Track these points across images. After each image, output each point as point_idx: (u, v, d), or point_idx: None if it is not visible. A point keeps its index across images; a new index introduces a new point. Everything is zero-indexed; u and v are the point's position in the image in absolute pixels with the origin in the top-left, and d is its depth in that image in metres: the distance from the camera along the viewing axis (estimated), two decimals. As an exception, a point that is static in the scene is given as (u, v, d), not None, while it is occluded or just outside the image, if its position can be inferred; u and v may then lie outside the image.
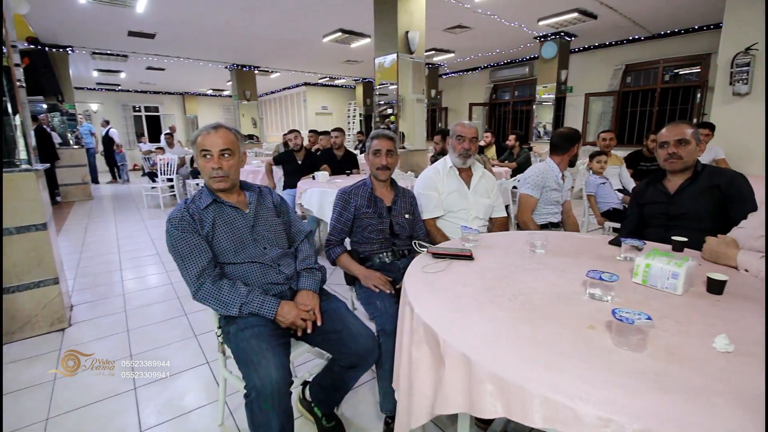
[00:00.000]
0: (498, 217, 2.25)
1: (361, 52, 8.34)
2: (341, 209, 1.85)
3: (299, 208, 3.50)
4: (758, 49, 4.00)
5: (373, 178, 1.92)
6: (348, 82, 12.99)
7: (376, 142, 1.86)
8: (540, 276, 1.28)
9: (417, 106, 5.33)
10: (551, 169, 2.42)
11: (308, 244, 1.63)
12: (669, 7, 5.71)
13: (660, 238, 1.96)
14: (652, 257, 1.20)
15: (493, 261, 1.43)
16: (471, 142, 2.10)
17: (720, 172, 1.84)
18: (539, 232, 1.80)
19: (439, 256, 1.44)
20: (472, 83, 10.96)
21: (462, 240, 1.64)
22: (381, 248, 1.86)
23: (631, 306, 1.06)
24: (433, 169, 2.21)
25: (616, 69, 8.02)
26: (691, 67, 7.23)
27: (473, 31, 6.84)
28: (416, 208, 2.01)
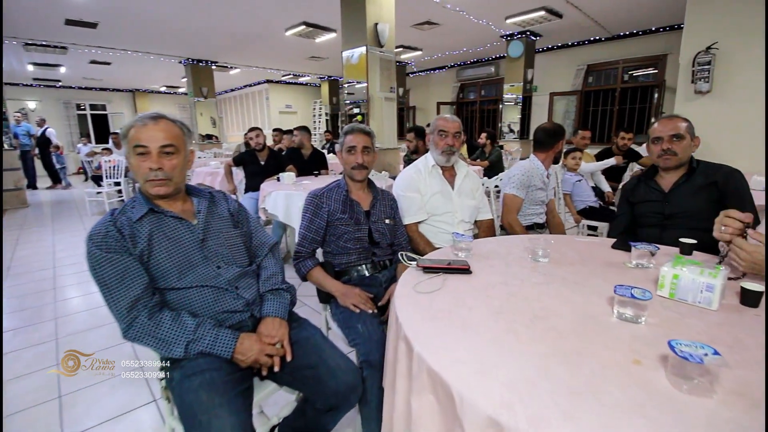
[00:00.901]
0: (484, 219, 2.07)
1: (327, 48, 8.04)
2: (312, 215, 1.59)
3: (263, 213, 3.18)
4: (718, 48, 4.11)
5: (348, 178, 1.68)
6: (313, 80, 12.60)
7: (351, 138, 1.62)
8: (552, 291, 1.09)
9: (386, 104, 5.12)
10: (536, 167, 2.28)
11: (274, 259, 1.36)
12: (629, 8, 5.84)
13: (656, 238, 1.84)
14: (681, 266, 1.04)
15: (494, 274, 1.22)
16: (455, 137, 1.91)
17: (716, 168, 1.75)
18: (537, 236, 1.62)
19: (431, 270, 1.22)
20: (439, 82, 10.92)
21: (453, 249, 1.43)
22: (359, 259, 1.62)
23: (669, 328, 0.88)
24: (413, 168, 2.00)
25: (579, 69, 8.20)
26: (649, 67, 7.50)
27: (442, 28, 6.72)
28: (397, 212, 1.78)
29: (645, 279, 1.18)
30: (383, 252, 1.67)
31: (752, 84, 4.01)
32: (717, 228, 1.13)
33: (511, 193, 2.22)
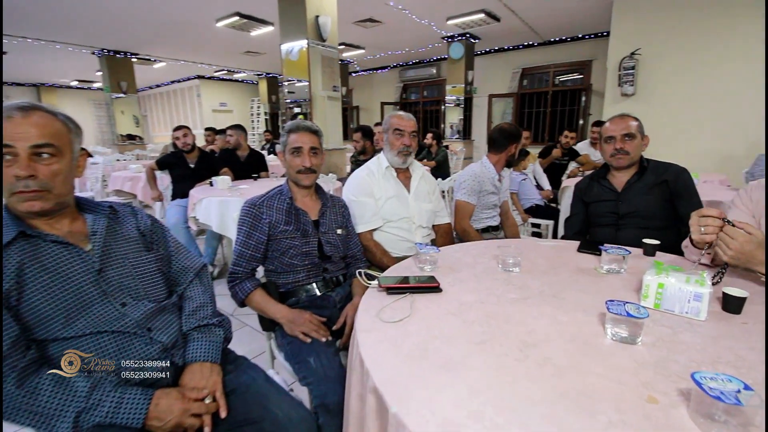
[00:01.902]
0: (442, 223, 1.94)
1: (264, 43, 7.57)
2: (249, 228, 1.34)
3: (193, 223, 2.80)
4: (641, 54, 4.42)
5: (292, 184, 1.44)
6: (249, 76, 11.91)
7: (296, 137, 1.39)
8: (533, 309, 0.96)
9: (329, 103, 4.88)
10: (487, 171, 2.19)
11: (201, 287, 1.10)
12: (559, 15, 6.17)
13: (611, 237, 1.84)
14: (665, 274, 0.96)
15: (466, 290, 1.08)
16: (411, 137, 1.75)
17: (666, 167, 1.77)
18: (506, 243, 1.51)
19: (396, 291, 1.04)
20: (382, 82, 10.85)
21: (417, 262, 1.27)
22: (308, 277, 1.39)
23: (667, 348, 0.79)
24: (365, 170, 1.81)
25: (514, 72, 8.56)
26: (576, 72, 8.02)
27: (384, 27, 6.61)
28: (349, 220, 1.59)
29: (623, 287, 1.10)
30: (336, 267, 1.46)
31: (671, 87, 4.37)
32: (696, 231, 1.08)
33: (463, 199, 2.12)
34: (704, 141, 4.17)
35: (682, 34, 4.21)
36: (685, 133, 4.22)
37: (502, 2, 5.45)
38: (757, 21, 3.81)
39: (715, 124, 4.15)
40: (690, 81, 4.23)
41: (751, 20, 3.84)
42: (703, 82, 4.16)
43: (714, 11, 4.00)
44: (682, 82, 4.28)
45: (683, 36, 4.20)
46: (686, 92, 4.26)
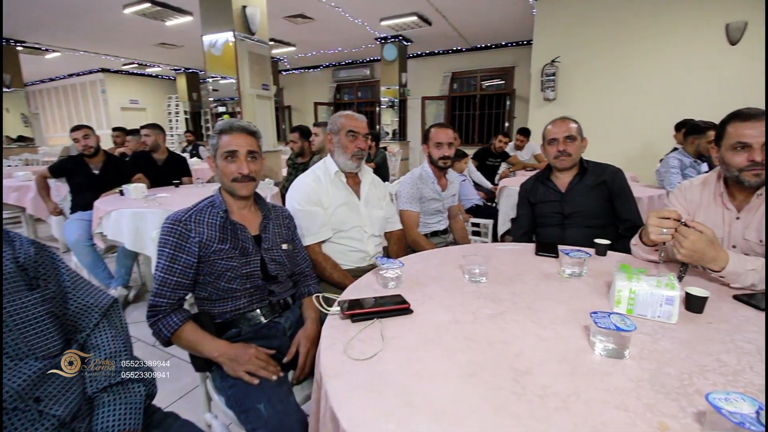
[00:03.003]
0: (395, 230, 1.84)
1: (182, 34, 6.90)
2: (173, 250, 1.10)
3: (100, 240, 2.37)
4: (561, 61, 4.76)
5: (226, 194, 1.23)
6: (165, 71, 10.83)
7: (229, 140, 1.18)
8: (513, 326, 0.88)
9: (259, 102, 4.55)
10: (427, 176, 2.11)
11: (111, 330, 0.86)
12: (485, 23, 6.46)
13: (558, 237, 1.88)
14: (635, 279, 0.95)
15: (438, 308, 0.97)
16: (365, 139, 1.62)
17: (603, 168, 1.85)
18: (470, 252, 1.43)
19: (361, 317, 0.90)
20: (315, 82, 10.55)
21: (379, 278, 1.14)
22: (251, 303, 1.19)
23: (655, 359, 0.75)
24: (311, 176, 1.64)
25: (445, 76, 8.83)
26: (500, 78, 8.50)
27: (316, 24, 6.38)
28: (296, 233, 1.41)
29: (591, 292, 1.08)
30: (282, 288, 1.27)
31: (587, 92, 4.77)
32: (655, 231, 1.09)
33: (406, 209, 2.04)
34: (616, 142, 4.62)
35: (596, 44, 4.62)
36: (600, 134, 4.62)
37: (433, 6, 5.54)
38: (659, 35, 4.32)
39: (625, 127, 4.62)
40: (603, 87, 4.67)
41: (655, 33, 4.34)
42: (615, 88, 4.61)
43: (625, 24, 4.45)
44: (597, 88, 4.70)
45: (597, 45, 4.62)
46: (600, 97, 4.69)
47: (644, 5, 4.33)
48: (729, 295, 1.04)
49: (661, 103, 4.33)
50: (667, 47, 4.32)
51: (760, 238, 1.21)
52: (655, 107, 4.34)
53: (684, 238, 1.04)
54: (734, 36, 3.97)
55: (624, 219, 1.78)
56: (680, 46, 4.25)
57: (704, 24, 4.10)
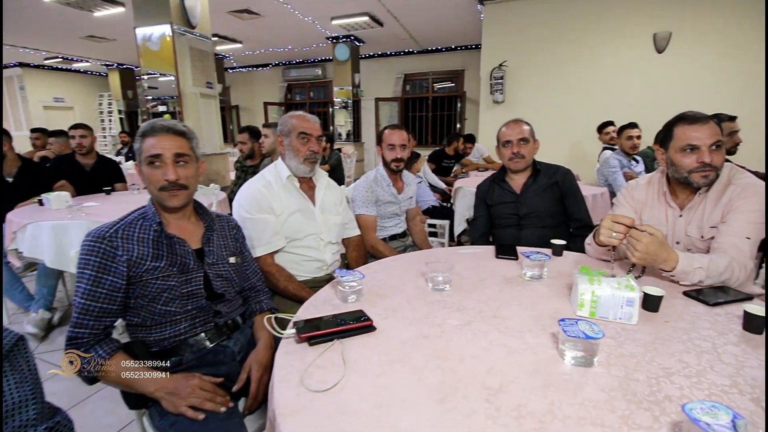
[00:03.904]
0: (353, 236, 1.76)
1: (113, 27, 6.33)
2: (97, 272, 0.95)
3: (14, 257, 2.07)
4: (507, 65, 4.92)
5: (158, 205, 1.09)
6: (95, 66, 9.93)
7: (153, 142, 1.03)
8: (481, 338, 0.84)
9: (204, 101, 4.27)
10: (382, 179, 2.05)
11: (15, 375, 0.71)
12: (435, 26, 6.55)
13: (514, 238, 1.90)
14: (597, 282, 0.94)
15: (403, 322, 0.91)
16: (318, 141, 1.53)
17: (555, 169, 1.89)
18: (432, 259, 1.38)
19: (320, 338, 0.81)
20: (264, 81, 10.17)
21: (338, 292, 1.06)
22: (193, 326, 1.06)
23: (622, 365, 0.74)
24: (260, 181, 1.52)
25: (398, 77, 8.87)
26: (450, 81, 8.69)
27: (264, 21, 6.12)
28: (244, 244, 1.28)
29: (553, 295, 1.07)
30: (230, 307, 1.15)
31: (533, 95, 4.98)
32: (607, 234, 1.11)
33: (362, 213, 1.97)
34: (558, 143, 4.87)
35: (540, 50, 4.84)
36: (547, 135, 4.81)
37: (385, 8, 5.52)
38: (596, 43, 4.60)
39: (566, 128, 4.87)
40: (547, 90, 4.89)
41: (592, 41, 4.62)
42: (557, 91, 4.86)
43: (565, 31, 4.69)
44: (541, 92, 4.93)
45: (541, 51, 4.83)
46: (544, 100, 4.92)
47: (582, 15, 4.60)
48: (679, 291, 1.08)
49: (596, 106, 4.62)
50: (602, 54, 4.61)
51: (701, 234, 1.28)
52: (592, 110, 4.61)
53: (637, 242, 1.06)
54: (661, 45, 4.32)
55: (575, 218, 1.84)
56: (613, 53, 4.56)
57: (634, 33, 4.43)
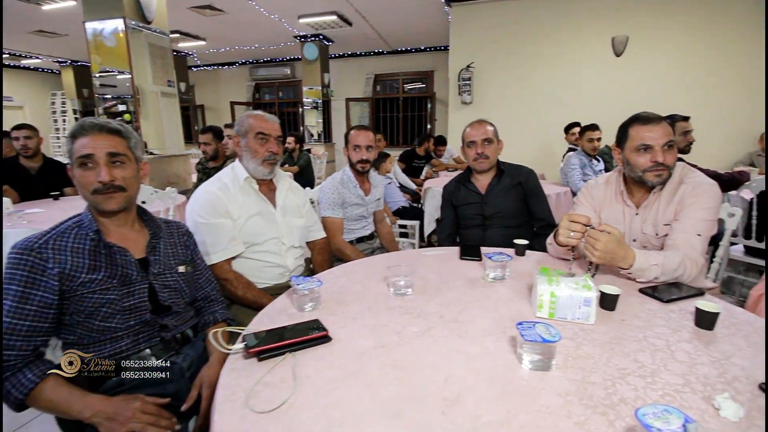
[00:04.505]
0: (317, 239, 1.71)
1: (65, 21, 5.96)
2: (25, 286, 0.86)
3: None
4: (475, 67, 4.99)
5: (94, 211, 1.00)
6: (47, 63, 9.34)
7: (84, 142, 0.94)
8: (442, 344, 0.82)
9: (164, 100, 4.09)
10: (348, 181, 2.01)
11: None
12: (404, 27, 6.56)
13: (480, 238, 1.91)
14: (555, 282, 0.94)
15: (361, 331, 0.88)
16: (277, 142, 1.46)
17: (519, 169, 1.91)
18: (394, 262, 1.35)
19: (270, 353, 0.77)
20: (231, 79, 9.87)
21: (294, 301, 1.01)
22: (136, 343, 0.98)
23: (580, 367, 0.74)
24: (216, 183, 1.44)
25: (368, 78, 8.83)
26: (420, 81, 8.74)
27: (228, 17, 5.92)
28: (197, 251, 1.21)
29: (515, 296, 1.07)
30: (179, 319, 1.08)
31: (500, 96, 5.07)
32: (565, 234, 1.11)
33: (328, 215, 1.93)
34: (524, 143, 4.98)
35: (505, 52, 4.94)
36: (513, 136, 4.93)
37: (353, 7, 5.47)
38: (558, 46, 4.73)
39: (531, 128, 5.00)
40: (513, 92, 5.00)
41: (554, 44, 4.75)
42: (522, 93, 4.97)
43: (530, 34, 4.81)
44: (507, 93, 5.03)
45: (506, 53, 4.93)
46: (510, 101, 5.02)
47: (545, 18, 4.72)
48: (635, 289, 1.10)
49: (561, 108, 4.77)
50: (565, 57, 4.76)
51: (656, 232, 1.31)
52: (557, 111, 4.76)
53: (596, 241, 1.07)
54: (618, 48, 4.50)
55: (538, 218, 1.86)
56: (575, 56, 4.72)
57: (594, 37, 4.59)
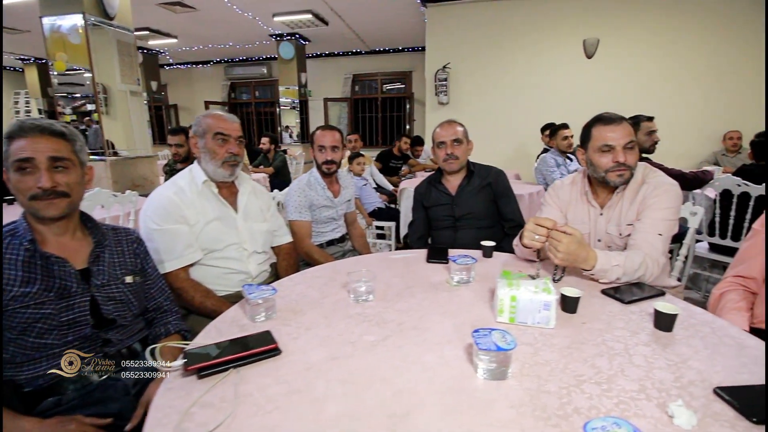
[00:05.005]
0: (283, 244, 1.65)
1: (25, 16, 5.67)
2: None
3: None
4: (451, 67, 5.01)
5: (33, 218, 0.93)
6: (10, 61, 8.89)
7: (24, 144, 0.88)
8: (398, 354, 0.79)
9: (134, 100, 3.94)
10: (316, 182, 1.96)
11: None
12: (381, 27, 6.54)
13: (450, 239, 1.89)
14: (515, 286, 0.93)
15: (314, 342, 0.84)
16: (238, 143, 1.40)
17: (488, 170, 1.90)
18: (356, 267, 1.31)
19: (211, 369, 0.72)
20: (205, 79, 9.63)
21: (246, 311, 0.96)
22: (75, 360, 0.92)
23: (537, 375, 0.72)
24: (172, 187, 1.37)
25: (346, 78, 8.77)
26: (399, 82, 8.74)
27: (200, 15, 5.76)
28: (148, 260, 1.14)
29: (477, 300, 1.05)
30: (125, 333, 1.01)
31: (476, 96, 5.10)
32: (530, 236, 1.10)
33: (295, 219, 1.87)
34: (500, 143, 5.04)
35: (481, 53, 4.97)
36: (489, 136, 5.00)
37: (329, 5, 5.40)
38: (531, 47, 4.79)
39: (506, 129, 5.05)
40: (488, 92, 5.04)
41: (528, 45, 4.81)
42: (498, 93, 5.02)
43: (504, 36, 4.86)
44: (483, 93, 5.07)
45: (482, 54, 4.97)
46: (486, 102, 5.06)
47: (520, 19, 4.78)
48: (598, 290, 1.10)
49: (536, 109, 4.84)
50: (539, 59, 4.83)
51: (620, 232, 1.32)
52: (532, 112, 4.82)
53: (558, 242, 1.06)
54: (590, 51, 4.59)
55: (508, 218, 1.85)
56: (548, 58, 4.79)
57: (566, 40, 4.67)
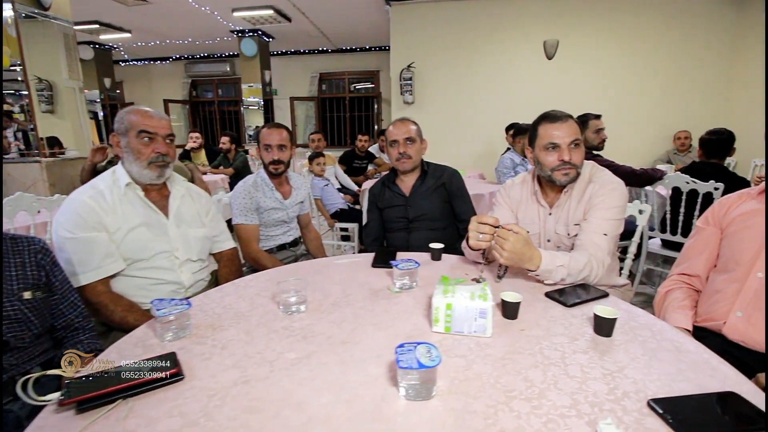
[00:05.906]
0: (224, 249, 1.54)
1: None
2: None
3: None
4: (416, 67, 4.99)
5: None
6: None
7: None
8: (318, 374, 0.72)
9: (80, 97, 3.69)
10: (263, 183, 1.87)
11: None
12: (346, 25, 6.44)
13: (404, 242, 1.84)
14: (451, 293, 0.88)
15: (226, 363, 0.75)
16: (166, 142, 1.29)
17: (442, 170, 1.87)
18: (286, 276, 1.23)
19: (96, 401, 0.62)
20: (164, 76, 9.19)
21: (156, 330, 0.86)
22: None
23: (465, 393, 0.67)
24: (88, 191, 1.23)
25: (312, 76, 8.60)
26: (366, 81, 8.67)
27: (155, 8, 5.46)
28: (55, 272, 1.02)
29: (416, 309, 0.99)
30: (24, 356, 0.89)
31: (441, 96, 5.11)
32: (474, 237, 1.06)
33: (240, 222, 1.77)
34: (466, 143, 5.07)
35: (445, 52, 4.99)
36: (453, 136, 5.03)
37: (290, 1, 5.26)
38: (494, 48, 4.84)
39: (471, 128, 5.09)
40: (453, 92, 5.07)
41: (491, 45, 4.87)
42: (462, 93, 5.05)
43: (468, 36, 4.90)
44: (448, 93, 5.09)
45: (446, 54, 4.99)
46: (451, 101, 5.08)
47: (483, 19, 4.82)
48: (542, 292, 1.07)
49: (499, 108, 4.90)
50: (501, 59, 4.89)
51: (568, 232, 1.31)
52: (495, 111, 4.88)
53: (504, 241, 1.03)
54: (550, 52, 4.69)
55: (462, 219, 1.82)
56: (510, 58, 4.86)
57: (528, 40, 4.75)
